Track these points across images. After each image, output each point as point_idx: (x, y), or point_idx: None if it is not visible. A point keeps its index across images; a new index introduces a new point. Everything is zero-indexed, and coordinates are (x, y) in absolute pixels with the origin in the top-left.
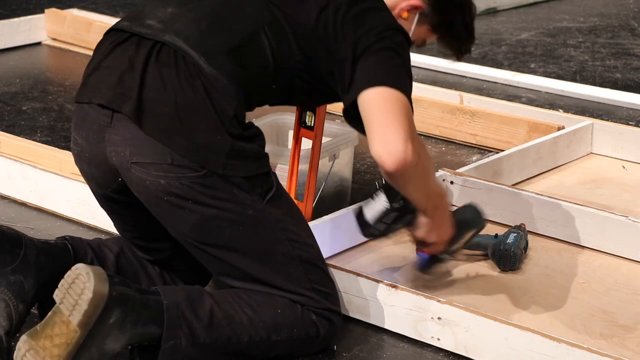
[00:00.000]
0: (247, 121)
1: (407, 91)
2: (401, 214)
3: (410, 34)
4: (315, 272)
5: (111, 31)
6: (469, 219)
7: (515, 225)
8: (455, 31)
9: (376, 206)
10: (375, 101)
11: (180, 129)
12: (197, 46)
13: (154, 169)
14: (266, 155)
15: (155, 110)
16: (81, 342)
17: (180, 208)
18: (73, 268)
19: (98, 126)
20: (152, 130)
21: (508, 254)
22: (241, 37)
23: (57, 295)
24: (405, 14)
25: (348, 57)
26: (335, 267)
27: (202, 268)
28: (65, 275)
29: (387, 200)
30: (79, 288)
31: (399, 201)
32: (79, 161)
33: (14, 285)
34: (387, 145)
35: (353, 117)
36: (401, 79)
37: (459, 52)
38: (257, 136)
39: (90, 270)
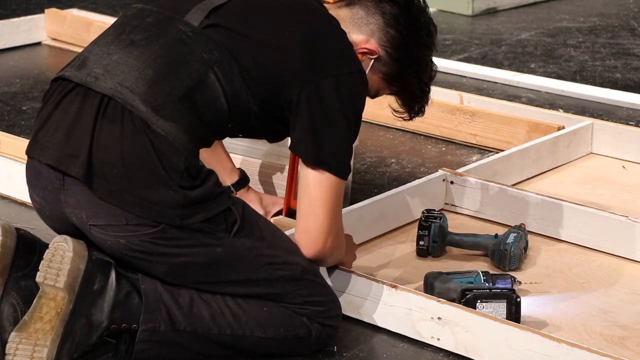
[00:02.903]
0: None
1: (340, 170)
2: None
3: None
4: (304, 286)
5: (58, 79)
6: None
7: (515, 225)
8: (408, 85)
9: None
10: (310, 184)
11: (130, 189)
12: (145, 98)
13: (112, 230)
14: (222, 191)
15: (105, 173)
16: (70, 307)
17: (147, 261)
18: (50, 245)
19: (52, 188)
20: (103, 193)
21: (508, 254)
22: (190, 81)
23: (39, 276)
24: (360, 57)
25: (296, 101)
26: (335, 267)
27: None
28: (44, 255)
29: None
30: (59, 256)
31: None
32: (41, 216)
33: (23, 291)
34: (309, 238)
35: None
36: (339, 154)
37: (412, 110)
38: (208, 176)
39: (67, 237)
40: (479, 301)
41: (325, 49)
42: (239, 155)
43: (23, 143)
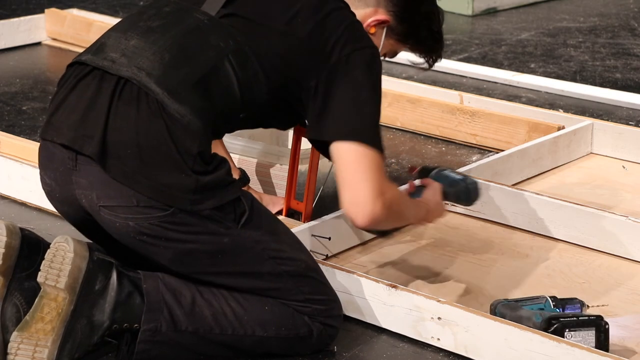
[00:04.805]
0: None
1: (376, 142)
2: None
3: (380, 49)
4: (307, 283)
5: (74, 64)
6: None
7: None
8: (422, 40)
9: None
10: (345, 157)
11: (143, 171)
12: (161, 81)
13: (122, 212)
14: (233, 180)
15: (119, 153)
16: (71, 308)
17: (154, 246)
18: (51, 245)
19: (64, 169)
20: (116, 173)
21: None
22: (205, 68)
23: (40, 276)
24: (372, 30)
25: (316, 86)
26: (335, 266)
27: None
28: (46, 255)
29: None
30: (60, 256)
31: None
32: (50, 200)
33: (27, 292)
34: (357, 207)
35: (320, 148)
36: (368, 125)
37: (429, 60)
38: (221, 163)
39: (68, 236)
40: (567, 330)
41: (337, 30)
42: (237, 155)
43: (23, 143)
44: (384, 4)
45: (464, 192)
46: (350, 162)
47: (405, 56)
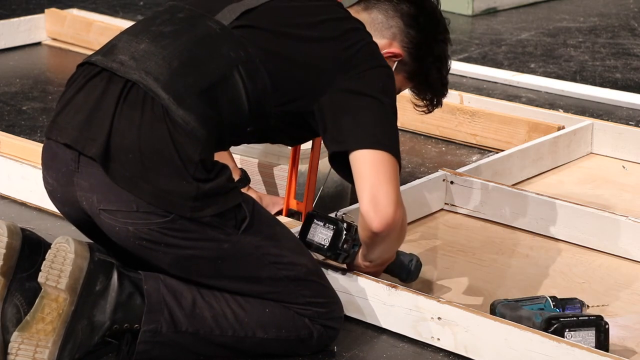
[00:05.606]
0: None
1: (396, 151)
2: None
3: None
4: (307, 286)
5: (84, 64)
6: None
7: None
8: (430, 81)
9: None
10: (368, 163)
11: (144, 176)
12: (167, 87)
13: (121, 216)
14: (235, 186)
15: (121, 158)
16: (72, 309)
17: (153, 251)
18: (52, 246)
19: (67, 170)
20: (117, 177)
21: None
22: (214, 77)
23: (41, 276)
24: None
25: (331, 98)
26: (335, 266)
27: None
28: (47, 255)
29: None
30: (61, 257)
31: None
32: (52, 199)
33: (27, 292)
34: (378, 206)
35: (339, 164)
36: (390, 136)
37: (431, 103)
38: (222, 170)
39: (69, 237)
40: (567, 330)
41: (357, 46)
42: (237, 155)
43: (23, 143)
44: (399, 38)
45: (406, 272)
46: (373, 166)
47: None
